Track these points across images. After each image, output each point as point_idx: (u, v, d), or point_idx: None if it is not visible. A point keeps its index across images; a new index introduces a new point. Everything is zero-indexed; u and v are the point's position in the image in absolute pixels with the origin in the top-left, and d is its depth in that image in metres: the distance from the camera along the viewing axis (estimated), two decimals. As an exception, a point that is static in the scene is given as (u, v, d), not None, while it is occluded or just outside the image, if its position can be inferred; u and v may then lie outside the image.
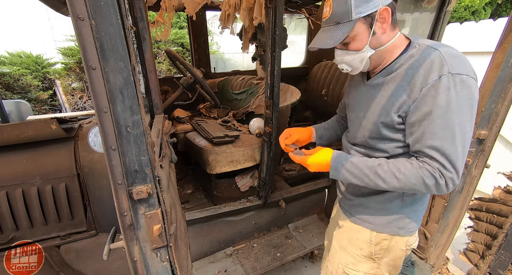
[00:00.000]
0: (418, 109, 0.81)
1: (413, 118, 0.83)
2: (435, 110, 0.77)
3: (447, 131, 0.78)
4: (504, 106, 1.26)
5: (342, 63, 0.93)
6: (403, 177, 0.83)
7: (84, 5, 0.53)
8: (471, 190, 1.48)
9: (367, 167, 0.90)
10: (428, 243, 1.61)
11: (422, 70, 0.79)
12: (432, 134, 0.79)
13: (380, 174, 0.87)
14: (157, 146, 1.00)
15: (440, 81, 0.76)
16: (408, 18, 2.17)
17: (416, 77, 0.80)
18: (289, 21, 3.75)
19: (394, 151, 0.94)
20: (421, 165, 0.82)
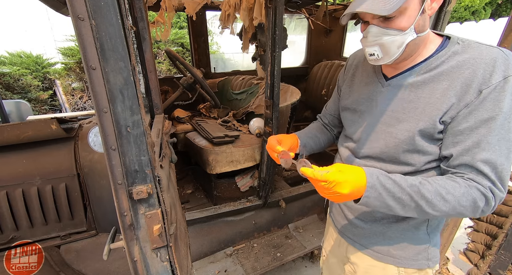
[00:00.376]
0: (472, 114, 0.67)
1: (464, 125, 0.68)
2: (498, 117, 0.64)
3: (505, 143, 0.65)
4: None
5: (375, 45, 0.73)
6: (452, 199, 0.66)
7: (84, 5, 0.53)
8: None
9: (409, 185, 0.68)
10: (428, 243, 1.61)
11: (481, 69, 0.66)
12: (488, 145, 0.66)
13: (426, 195, 0.66)
14: (157, 146, 1.00)
15: (507, 83, 0.64)
16: (408, 18, 2.17)
17: (471, 77, 0.67)
18: (289, 21, 3.75)
19: (424, 166, 0.78)
20: (470, 184, 0.67)
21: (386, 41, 0.71)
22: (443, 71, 0.72)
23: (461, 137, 0.69)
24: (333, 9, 3.21)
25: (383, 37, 0.71)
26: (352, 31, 3.59)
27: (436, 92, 0.72)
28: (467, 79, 0.67)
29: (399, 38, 0.70)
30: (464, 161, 0.69)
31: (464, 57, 0.70)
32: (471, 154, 0.68)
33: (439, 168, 0.77)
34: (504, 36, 1.18)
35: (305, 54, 3.59)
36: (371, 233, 0.92)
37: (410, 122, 0.75)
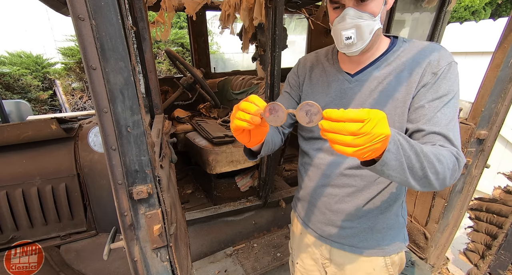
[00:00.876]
0: (431, 92, 0.78)
1: (424, 100, 0.78)
2: (450, 94, 0.77)
3: (454, 114, 0.77)
4: (504, 106, 1.26)
5: (352, 28, 0.76)
6: (444, 160, 0.67)
7: (85, 5, 0.54)
8: (471, 190, 1.48)
9: (414, 143, 0.64)
10: (428, 243, 1.61)
11: (433, 57, 0.79)
12: (446, 116, 0.76)
13: (428, 154, 0.64)
14: (157, 146, 1.00)
15: (451, 66, 0.78)
16: (408, 18, 2.17)
17: (425, 65, 0.79)
18: (289, 21, 3.75)
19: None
20: (445, 148, 0.72)
21: (362, 23, 0.76)
22: (401, 63, 0.83)
23: (423, 111, 0.78)
24: (333, 9, 3.21)
25: (359, 20, 0.76)
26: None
27: (402, 80, 0.81)
28: (422, 67, 0.79)
29: (371, 23, 0.76)
30: (432, 130, 0.75)
31: (414, 51, 0.83)
32: (436, 123, 0.76)
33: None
34: (504, 36, 1.18)
35: (305, 54, 3.59)
36: (360, 231, 0.94)
37: (389, 109, 0.81)
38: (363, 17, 0.75)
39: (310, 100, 0.56)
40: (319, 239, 1.05)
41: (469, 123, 1.32)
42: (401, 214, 0.95)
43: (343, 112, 0.51)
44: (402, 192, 0.93)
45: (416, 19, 2.19)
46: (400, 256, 0.98)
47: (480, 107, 1.28)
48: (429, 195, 1.55)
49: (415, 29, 2.23)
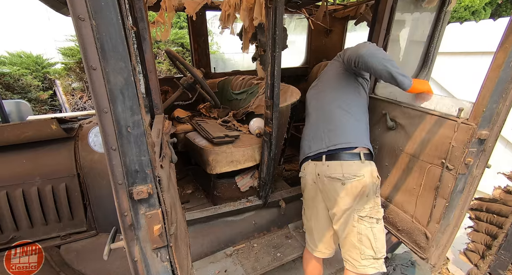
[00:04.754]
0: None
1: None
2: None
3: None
4: (505, 106, 1.26)
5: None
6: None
7: (85, 5, 0.53)
8: (472, 190, 1.48)
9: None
10: (429, 243, 1.61)
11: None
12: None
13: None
14: (157, 146, 1.00)
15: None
16: (408, 18, 2.17)
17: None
18: (289, 21, 3.75)
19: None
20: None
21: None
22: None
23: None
24: (333, 9, 3.21)
25: None
26: (352, 31, 3.59)
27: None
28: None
29: None
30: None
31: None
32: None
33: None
34: (505, 36, 1.18)
35: (305, 54, 3.59)
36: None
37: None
38: None
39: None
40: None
41: (470, 123, 1.32)
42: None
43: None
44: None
45: (416, 19, 2.18)
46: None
47: (482, 107, 1.28)
48: (430, 195, 1.55)
49: (415, 29, 2.23)
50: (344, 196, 1.45)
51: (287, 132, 2.09)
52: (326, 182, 1.50)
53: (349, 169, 1.45)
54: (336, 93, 1.58)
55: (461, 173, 1.39)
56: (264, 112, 1.85)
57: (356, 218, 1.44)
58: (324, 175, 1.49)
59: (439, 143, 1.47)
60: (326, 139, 1.53)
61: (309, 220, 1.69)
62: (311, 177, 1.58)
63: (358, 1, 2.99)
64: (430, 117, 1.50)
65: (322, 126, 1.57)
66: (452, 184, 1.43)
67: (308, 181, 1.61)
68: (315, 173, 1.55)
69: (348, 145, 1.47)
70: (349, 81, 1.58)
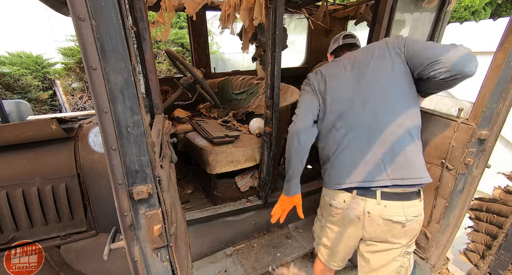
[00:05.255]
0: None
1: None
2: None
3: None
4: (505, 106, 1.26)
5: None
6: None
7: (85, 5, 0.53)
8: (472, 190, 1.48)
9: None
10: (429, 243, 1.61)
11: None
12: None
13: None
14: (157, 146, 1.00)
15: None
16: (408, 18, 2.17)
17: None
18: (289, 21, 3.75)
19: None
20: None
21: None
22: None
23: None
24: (333, 9, 3.21)
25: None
26: (352, 31, 3.59)
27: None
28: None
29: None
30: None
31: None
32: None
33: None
34: (505, 36, 1.18)
35: (305, 54, 3.59)
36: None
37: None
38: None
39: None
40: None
41: (470, 123, 1.32)
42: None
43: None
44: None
45: (416, 19, 2.18)
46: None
47: (481, 107, 1.28)
48: (430, 195, 1.55)
49: (415, 29, 2.23)
50: (401, 238, 1.23)
51: (287, 132, 2.09)
52: (380, 223, 1.22)
53: (411, 210, 1.19)
54: (398, 107, 1.18)
55: (461, 173, 1.39)
56: (264, 112, 1.85)
57: (403, 253, 1.27)
58: (380, 216, 1.20)
59: (438, 143, 1.47)
60: (382, 170, 1.18)
61: (333, 242, 1.45)
62: (354, 213, 1.27)
63: (358, 1, 2.99)
64: (430, 117, 1.50)
65: (379, 150, 1.19)
66: (452, 184, 1.43)
67: (349, 215, 1.29)
68: (363, 210, 1.24)
69: (416, 181, 1.17)
70: (411, 89, 1.18)
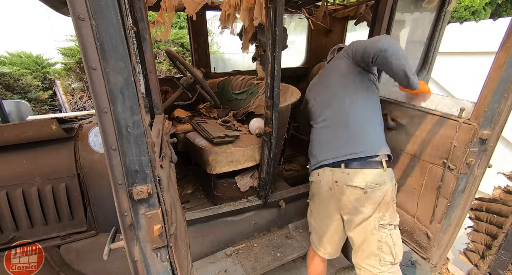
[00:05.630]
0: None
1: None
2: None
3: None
4: (507, 106, 1.26)
5: None
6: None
7: (85, 5, 0.53)
8: (473, 190, 1.48)
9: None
10: (431, 243, 1.61)
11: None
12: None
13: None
14: (157, 146, 1.00)
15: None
16: (408, 18, 2.17)
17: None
18: (289, 21, 3.75)
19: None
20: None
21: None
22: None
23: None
24: (333, 9, 3.21)
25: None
26: (352, 31, 3.59)
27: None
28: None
29: None
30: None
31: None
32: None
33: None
34: (507, 36, 1.18)
35: (305, 54, 3.58)
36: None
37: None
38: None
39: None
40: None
41: (472, 123, 1.32)
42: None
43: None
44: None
45: (416, 19, 2.18)
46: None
47: (483, 107, 1.28)
48: (432, 195, 1.55)
49: (415, 29, 2.23)
50: (365, 205, 1.38)
51: (287, 132, 2.09)
52: (345, 190, 1.41)
53: (372, 178, 1.37)
54: (350, 94, 1.47)
55: (462, 173, 1.39)
56: (264, 112, 1.85)
57: (377, 226, 1.38)
58: (344, 183, 1.40)
59: (440, 143, 1.47)
60: (345, 147, 1.43)
61: (318, 222, 1.63)
62: (326, 184, 1.49)
63: (358, 1, 2.99)
64: (431, 117, 1.50)
65: (339, 132, 1.47)
66: (453, 184, 1.43)
67: (323, 187, 1.51)
68: (332, 180, 1.46)
69: (371, 152, 1.38)
70: (363, 80, 1.48)
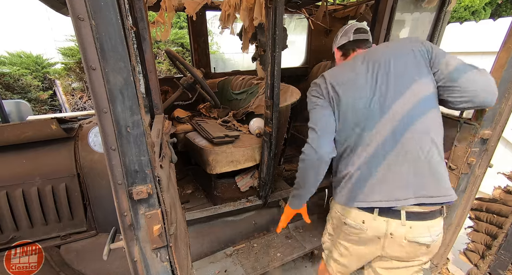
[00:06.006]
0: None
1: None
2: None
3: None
4: (508, 106, 1.26)
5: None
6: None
7: (84, 5, 0.53)
8: (474, 190, 1.48)
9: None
10: (430, 243, 1.61)
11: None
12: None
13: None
14: (157, 146, 1.00)
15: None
16: (408, 18, 2.17)
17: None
18: (289, 21, 3.75)
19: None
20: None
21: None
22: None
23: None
24: (333, 9, 3.21)
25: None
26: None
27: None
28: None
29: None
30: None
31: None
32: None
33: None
34: (508, 36, 1.18)
35: (305, 54, 3.58)
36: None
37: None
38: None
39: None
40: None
41: (473, 123, 1.32)
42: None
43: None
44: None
45: (416, 19, 2.18)
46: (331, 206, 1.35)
47: (484, 107, 1.28)
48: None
49: (415, 29, 2.23)
50: (422, 256, 1.15)
51: (287, 132, 2.09)
52: (404, 244, 1.10)
53: (436, 229, 1.09)
54: (428, 118, 1.05)
55: (463, 172, 1.39)
56: (264, 112, 1.85)
57: (420, 269, 1.19)
58: (405, 237, 1.08)
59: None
60: (409, 189, 1.06)
61: (343, 257, 1.32)
62: (374, 233, 1.14)
63: (358, 1, 2.98)
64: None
65: (403, 164, 1.06)
66: (455, 184, 1.43)
67: (367, 235, 1.15)
68: (385, 231, 1.11)
69: (445, 199, 1.05)
70: (436, 98, 1.07)
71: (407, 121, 1.05)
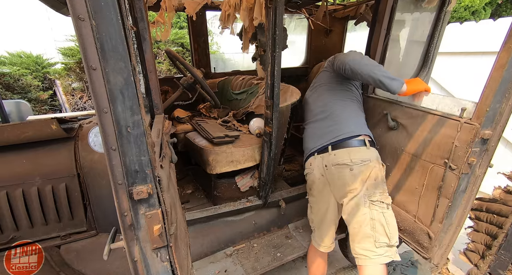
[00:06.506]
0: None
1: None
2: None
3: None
4: (508, 106, 1.26)
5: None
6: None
7: (85, 5, 0.53)
8: (474, 190, 1.48)
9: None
10: (432, 243, 1.61)
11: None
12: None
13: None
14: (157, 146, 1.00)
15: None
16: (408, 18, 2.17)
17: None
18: (289, 21, 3.75)
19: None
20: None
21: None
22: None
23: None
24: (333, 9, 3.21)
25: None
26: (352, 31, 3.59)
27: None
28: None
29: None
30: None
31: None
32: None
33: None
34: (508, 35, 1.18)
35: (305, 54, 3.58)
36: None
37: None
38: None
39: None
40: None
41: (474, 123, 1.32)
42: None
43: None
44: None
45: (416, 19, 2.18)
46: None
47: (485, 107, 1.27)
48: (433, 195, 1.55)
49: (415, 29, 2.23)
50: (353, 181, 1.48)
51: (287, 132, 2.09)
52: (334, 171, 1.54)
53: (356, 154, 1.50)
54: (333, 93, 1.71)
55: (464, 172, 1.39)
56: (264, 112, 1.85)
57: (368, 203, 1.46)
58: (332, 163, 1.54)
59: (441, 143, 1.47)
60: (330, 133, 1.60)
61: (317, 214, 1.72)
62: (318, 171, 1.63)
63: (358, 1, 2.98)
64: (432, 117, 1.50)
65: (325, 123, 1.65)
66: (455, 184, 1.43)
67: (315, 175, 1.65)
68: (322, 165, 1.60)
69: (352, 133, 1.55)
70: (343, 83, 1.72)
71: (323, 102, 1.74)
